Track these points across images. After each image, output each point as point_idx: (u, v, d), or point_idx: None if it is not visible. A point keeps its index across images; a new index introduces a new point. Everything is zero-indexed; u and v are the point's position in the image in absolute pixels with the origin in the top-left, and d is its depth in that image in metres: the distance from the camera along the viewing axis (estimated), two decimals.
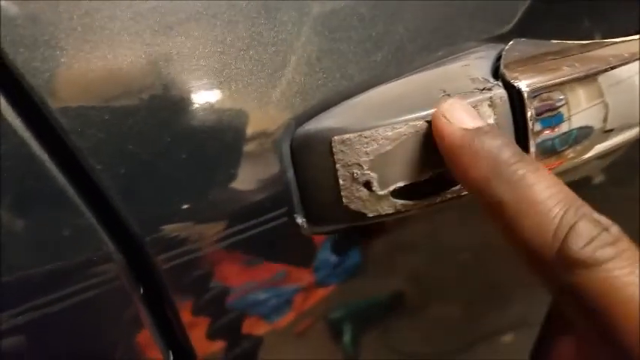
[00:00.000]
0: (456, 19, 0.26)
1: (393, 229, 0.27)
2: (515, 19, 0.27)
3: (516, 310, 0.41)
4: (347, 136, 0.21)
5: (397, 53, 0.24)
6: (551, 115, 0.24)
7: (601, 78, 0.25)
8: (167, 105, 0.20)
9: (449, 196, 0.22)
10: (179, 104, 0.20)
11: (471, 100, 0.21)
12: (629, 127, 0.28)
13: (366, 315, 0.31)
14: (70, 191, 0.19)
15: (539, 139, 0.24)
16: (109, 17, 0.19)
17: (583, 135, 0.26)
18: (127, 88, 0.20)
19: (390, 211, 0.22)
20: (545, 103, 0.23)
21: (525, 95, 0.22)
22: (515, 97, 0.22)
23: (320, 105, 0.22)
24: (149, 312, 0.21)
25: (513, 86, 0.22)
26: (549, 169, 0.25)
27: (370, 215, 0.22)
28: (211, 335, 0.23)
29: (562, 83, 0.23)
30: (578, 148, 0.26)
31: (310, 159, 0.22)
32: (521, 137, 0.22)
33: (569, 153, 0.26)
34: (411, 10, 0.25)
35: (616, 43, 0.27)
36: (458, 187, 0.22)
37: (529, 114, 0.22)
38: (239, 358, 0.24)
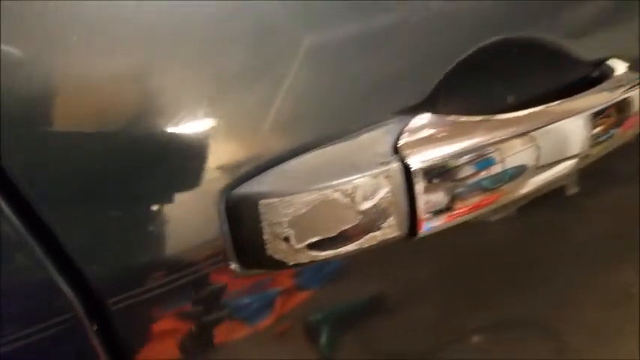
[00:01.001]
0: (373, 92, 0.31)
1: None
2: (427, 94, 0.32)
3: (486, 313, 0.45)
4: (271, 200, 0.26)
5: (318, 124, 0.29)
6: (482, 160, 0.30)
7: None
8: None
9: (354, 249, 0.27)
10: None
11: (372, 172, 0.26)
12: (559, 162, 0.33)
13: (344, 317, 0.35)
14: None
15: (473, 180, 0.29)
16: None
17: (517, 173, 0.31)
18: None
19: (306, 261, 0.27)
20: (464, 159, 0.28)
21: (414, 171, 0.27)
22: (408, 171, 0.27)
23: (252, 171, 0.27)
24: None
25: (406, 161, 0.27)
26: (485, 204, 0.30)
27: (290, 264, 0.27)
28: None
29: (453, 157, 0.28)
30: (513, 184, 0.31)
31: (242, 217, 0.27)
32: (413, 207, 0.28)
33: (505, 189, 0.32)
34: (331, 81, 0.30)
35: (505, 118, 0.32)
36: (363, 239, 0.28)
37: (416, 188, 0.27)
38: None
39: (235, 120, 0.27)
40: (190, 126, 0.26)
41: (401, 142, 0.28)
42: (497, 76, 0.35)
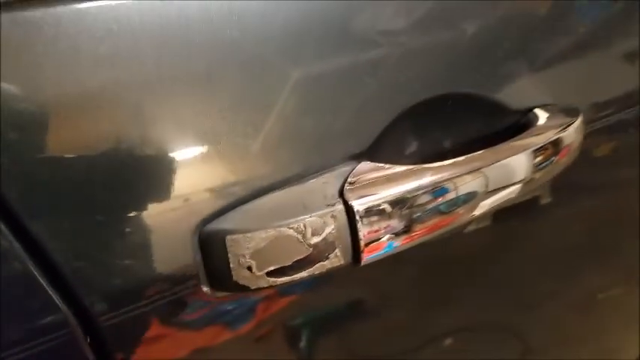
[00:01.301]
0: (326, 139, 0.37)
1: None
2: (370, 142, 0.38)
3: (457, 317, 0.49)
4: (235, 236, 0.32)
5: (279, 168, 0.35)
6: (437, 189, 0.35)
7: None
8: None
9: (306, 275, 0.33)
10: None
11: (319, 212, 0.32)
12: (506, 187, 0.39)
13: (324, 321, 0.40)
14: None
15: (432, 205, 0.34)
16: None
17: (469, 198, 0.37)
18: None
19: (266, 285, 0.33)
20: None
21: (356, 212, 0.33)
22: (351, 211, 0.33)
23: (221, 209, 0.33)
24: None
25: (348, 204, 0.33)
26: (442, 225, 0.36)
27: (252, 288, 0.33)
28: None
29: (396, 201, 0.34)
30: (467, 206, 0.37)
31: (212, 249, 0.32)
32: (355, 240, 0.33)
33: (460, 211, 0.37)
34: (290, 131, 0.35)
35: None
36: (314, 267, 0.33)
37: (359, 225, 0.33)
38: None
39: (202, 163, 0.32)
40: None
41: (346, 187, 0.34)
42: (434, 125, 0.41)
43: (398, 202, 0.34)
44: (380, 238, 0.34)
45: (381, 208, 0.33)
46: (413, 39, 0.39)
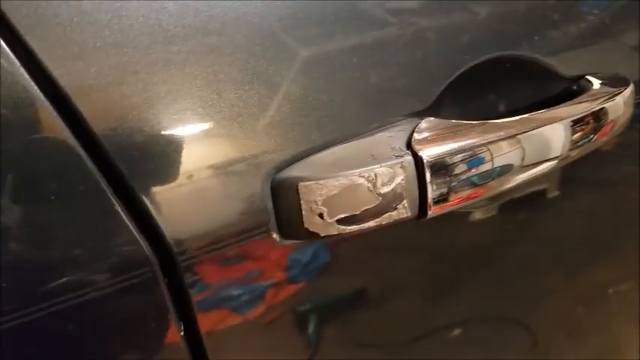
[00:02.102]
0: (388, 96, 0.38)
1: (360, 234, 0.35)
2: (432, 100, 0.39)
3: (465, 308, 0.49)
4: (308, 182, 0.32)
5: (345, 123, 0.35)
6: (473, 159, 0.36)
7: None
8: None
9: (374, 225, 0.34)
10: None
11: (389, 163, 0.33)
12: (542, 162, 0.40)
13: (331, 308, 0.40)
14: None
15: (464, 177, 0.35)
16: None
17: (505, 171, 0.38)
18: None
19: (336, 233, 0.33)
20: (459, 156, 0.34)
21: (425, 162, 0.33)
22: (419, 163, 0.34)
23: (291, 159, 0.33)
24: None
25: (418, 155, 0.33)
26: (473, 197, 0.36)
27: (322, 235, 0.33)
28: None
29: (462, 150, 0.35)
30: (501, 179, 0.37)
31: (284, 196, 0.33)
32: (423, 193, 0.34)
33: (493, 184, 0.38)
34: (353, 89, 0.36)
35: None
36: (382, 218, 0.34)
37: (427, 177, 0.33)
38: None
39: (276, 118, 0.33)
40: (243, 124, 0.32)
41: (413, 139, 0.34)
42: (490, 87, 0.42)
43: (466, 155, 0.34)
44: (448, 191, 0.34)
45: (450, 160, 0.34)
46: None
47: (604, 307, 0.65)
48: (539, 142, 0.38)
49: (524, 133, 0.37)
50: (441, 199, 0.34)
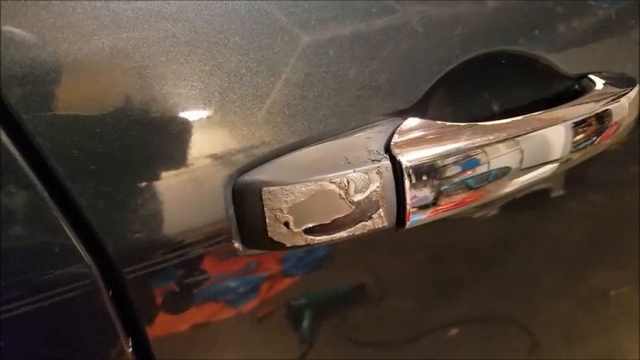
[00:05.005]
0: (368, 93, 0.34)
1: None
2: (418, 98, 0.35)
3: (463, 307, 0.47)
4: (273, 188, 0.29)
5: (318, 122, 0.32)
6: (466, 161, 0.32)
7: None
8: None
9: (345, 235, 0.30)
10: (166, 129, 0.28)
11: (364, 168, 0.29)
12: (541, 166, 0.36)
13: (326, 304, 0.38)
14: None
15: (448, 184, 0.32)
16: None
17: (494, 178, 0.34)
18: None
19: (302, 244, 0.30)
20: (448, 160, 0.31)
21: (404, 168, 0.30)
22: (398, 168, 0.30)
23: (255, 161, 0.30)
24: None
25: (396, 159, 0.30)
26: (469, 201, 0.33)
27: (288, 245, 0.30)
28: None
29: (441, 157, 0.31)
30: (488, 187, 0.34)
31: (246, 202, 0.30)
32: (401, 202, 0.31)
33: (490, 187, 0.35)
34: (331, 85, 0.32)
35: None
36: (354, 227, 0.31)
37: (406, 184, 0.30)
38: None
39: (240, 113, 0.30)
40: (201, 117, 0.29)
41: (393, 142, 0.31)
42: (484, 85, 0.38)
43: (451, 160, 0.31)
44: (429, 199, 0.31)
45: (432, 165, 0.31)
46: None
47: (605, 309, 0.63)
48: (532, 148, 0.35)
49: (516, 137, 0.34)
50: (421, 208, 0.31)
